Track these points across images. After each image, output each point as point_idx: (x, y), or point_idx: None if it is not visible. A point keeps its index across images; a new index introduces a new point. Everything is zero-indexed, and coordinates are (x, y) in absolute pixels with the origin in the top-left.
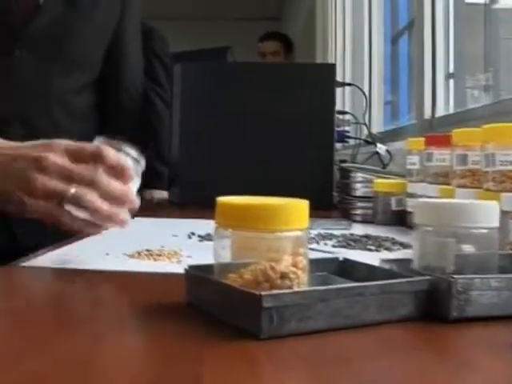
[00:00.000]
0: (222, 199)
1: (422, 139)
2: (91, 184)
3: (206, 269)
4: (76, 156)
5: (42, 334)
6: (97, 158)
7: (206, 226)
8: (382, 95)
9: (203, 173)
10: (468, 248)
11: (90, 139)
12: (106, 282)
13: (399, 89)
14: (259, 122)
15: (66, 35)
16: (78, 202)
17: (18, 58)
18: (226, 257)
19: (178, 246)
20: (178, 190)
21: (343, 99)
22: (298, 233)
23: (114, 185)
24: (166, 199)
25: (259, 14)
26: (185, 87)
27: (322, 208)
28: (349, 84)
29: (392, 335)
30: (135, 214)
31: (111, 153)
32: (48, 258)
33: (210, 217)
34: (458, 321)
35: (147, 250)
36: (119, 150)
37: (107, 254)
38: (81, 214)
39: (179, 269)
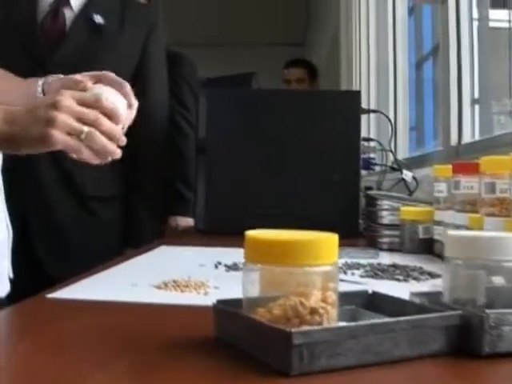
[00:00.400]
0: (250, 234)
1: (449, 166)
2: (96, 125)
3: (235, 303)
4: (81, 100)
5: (68, 369)
6: (97, 104)
7: (233, 254)
8: (407, 121)
9: (229, 199)
10: (499, 280)
11: (113, 168)
12: (133, 315)
13: (424, 114)
14: (285, 149)
15: (91, 63)
16: (91, 138)
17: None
18: (255, 291)
19: (204, 276)
20: (203, 217)
21: (368, 125)
22: (328, 267)
23: (111, 125)
24: (192, 226)
25: (284, 39)
26: (211, 114)
27: (348, 235)
28: (374, 111)
29: (423, 371)
30: (161, 242)
31: (107, 101)
32: (75, 289)
33: (236, 245)
34: (490, 356)
35: (174, 281)
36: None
37: (134, 284)
38: (93, 147)
39: (207, 301)
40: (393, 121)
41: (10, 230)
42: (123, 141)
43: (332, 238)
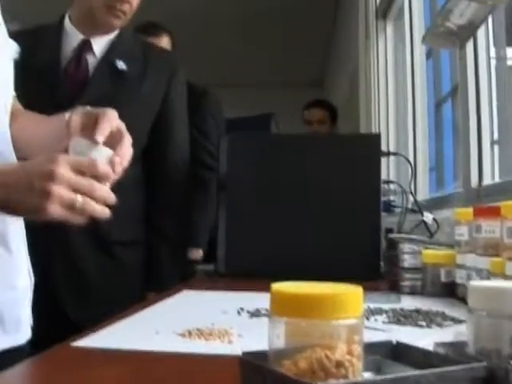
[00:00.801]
0: (276, 287)
1: (470, 210)
2: (89, 193)
3: (261, 355)
4: (76, 167)
5: None
6: (91, 170)
7: (255, 299)
8: (426, 162)
9: (250, 243)
10: None
11: (136, 212)
12: (158, 364)
13: (444, 155)
14: (306, 192)
15: (111, 107)
16: (84, 207)
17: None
18: (281, 344)
19: (228, 323)
20: (224, 260)
21: (388, 168)
22: (353, 321)
23: (103, 190)
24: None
25: (302, 80)
26: (232, 157)
27: (369, 278)
28: (394, 153)
29: None
30: (183, 286)
31: (101, 165)
32: (99, 337)
33: (258, 289)
34: None
35: (198, 329)
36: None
37: (158, 332)
38: (85, 213)
39: (231, 350)
40: (412, 162)
41: (32, 277)
42: (113, 199)
43: (357, 292)
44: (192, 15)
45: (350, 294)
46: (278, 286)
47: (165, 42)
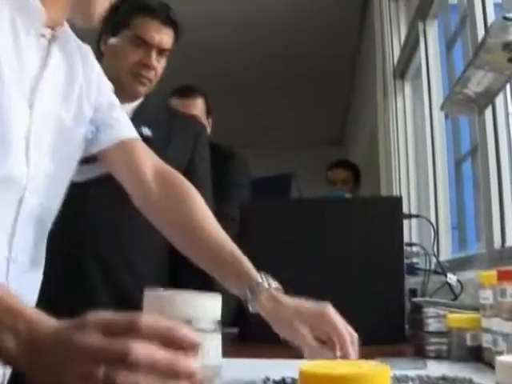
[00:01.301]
0: (305, 369)
1: (494, 273)
2: (123, 359)
3: None
4: (108, 330)
5: None
6: (131, 331)
7: (280, 367)
8: (448, 223)
9: None
10: None
11: (163, 278)
12: None
13: (465, 213)
14: (327, 256)
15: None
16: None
17: (92, 197)
18: None
19: None
20: (247, 325)
21: (410, 229)
22: None
23: (158, 356)
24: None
25: (321, 139)
26: (252, 223)
27: (393, 341)
28: (416, 216)
29: None
30: None
31: (150, 322)
32: None
33: (282, 356)
34: None
35: None
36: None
37: None
38: None
39: None
40: (434, 222)
41: None
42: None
43: (385, 372)
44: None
45: (378, 375)
46: (307, 368)
47: (199, 103)
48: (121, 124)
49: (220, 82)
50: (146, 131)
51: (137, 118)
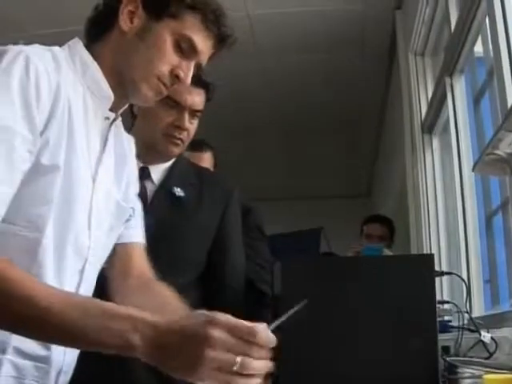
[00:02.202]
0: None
1: None
2: (247, 354)
3: None
4: (234, 331)
5: None
6: (250, 336)
7: None
8: (480, 279)
9: (305, 363)
10: None
11: None
12: None
13: (497, 268)
14: (360, 314)
15: (171, 235)
16: (242, 369)
17: None
18: None
19: None
20: (280, 380)
21: (441, 286)
22: None
23: (260, 362)
24: None
25: (350, 191)
26: (285, 283)
27: None
28: (448, 273)
29: None
30: None
31: (264, 333)
32: None
33: None
34: None
35: None
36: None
37: None
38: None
39: None
40: (466, 277)
41: None
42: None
43: None
44: (244, 130)
45: None
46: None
47: (208, 157)
48: (138, 226)
49: (247, 135)
50: (179, 191)
51: (169, 178)
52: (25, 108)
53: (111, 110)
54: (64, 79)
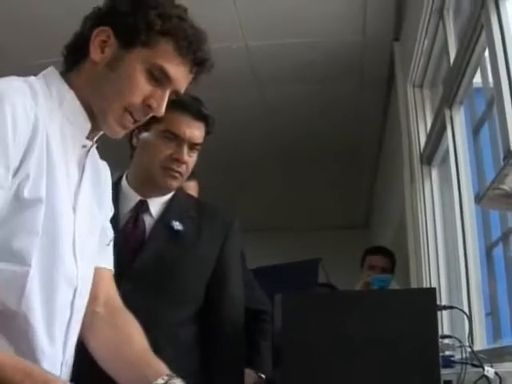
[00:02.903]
0: None
1: None
2: None
3: None
4: None
5: None
6: None
7: None
8: (482, 311)
9: None
10: None
11: (194, 370)
12: None
13: (498, 300)
14: (361, 347)
15: (169, 269)
16: None
17: (125, 291)
18: None
19: None
20: None
21: (441, 319)
22: None
23: None
24: None
25: (347, 222)
26: (286, 317)
27: None
28: (450, 307)
29: None
30: None
31: None
32: None
33: None
34: None
35: None
36: None
37: None
38: None
39: None
40: (466, 310)
41: None
42: None
43: None
44: (240, 161)
45: None
46: None
47: (193, 185)
48: (110, 252)
49: (244, 166)
50: (177, 225)
51: (168, 212)
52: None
53: (87, 137)
54: (41, 110)
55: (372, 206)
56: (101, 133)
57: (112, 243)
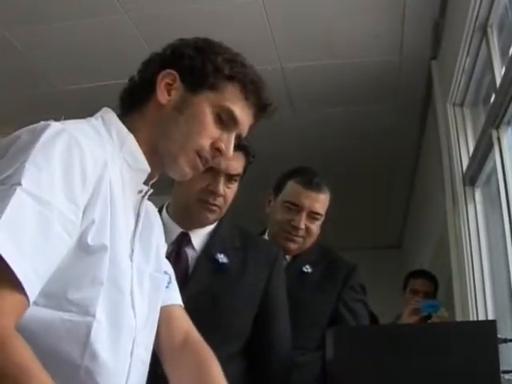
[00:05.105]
0: None
1: None
2: None
3: None
4: None
5: None
6: None
7: None
8: None
9: None
10: None
11: None
12: None
13: None
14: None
15: (216, 304)
16: None
17: None
18: None
19: None
20: None
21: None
22: None
23: None
24: None
25: (379, 242)
26: (337, 351)
27: None
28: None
29: None
30: None
31: None
32: None
33: None
34: None
35: None
36: None
37: None
38: None
39: None
40: None
41: None
42: None
43: None
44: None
45: None
46: None
47: None
48: (175, 288)
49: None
50: (222, 258)
51: (211, 244)
52: (66, 185)
53: (144, 182)
54: (107, 155)
55: (405, 226)
56: (155, 178)
57: (174, 278)
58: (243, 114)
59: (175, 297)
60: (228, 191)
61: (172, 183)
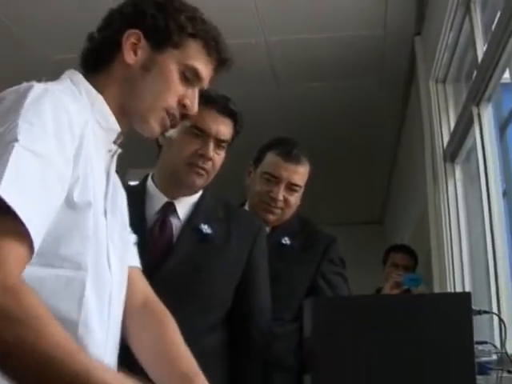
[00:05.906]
0: None
1: None
2: None
3: None
4: None
5: None
6: None
7: None
8: None
9: None
10: None
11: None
12: None
13: None
14: (394, 355)
15: (198, 274)
16: None
17: None
18: None
19: None
20: None
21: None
22: None
23: None
24: None
25: (361, 218)
26: (315, 322)
27: None
28: (486, 312)
29: None
30: None
31: None
32: None
33: None
34: None
35: None
36: None
37: None
38: None
39: None
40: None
41: None
42: None
43: None
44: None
45: None
46: None
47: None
48: (132, 251)
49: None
50: (206, 228)
51: (196, 214)
52: (59, 141)
53: (113, 142)
54: (85, 113)
55: (388, 203)
56: (122, 138)
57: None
58: (206, 69)
59: (135, 259)
60: (216, 157)
61: (158, 153)
